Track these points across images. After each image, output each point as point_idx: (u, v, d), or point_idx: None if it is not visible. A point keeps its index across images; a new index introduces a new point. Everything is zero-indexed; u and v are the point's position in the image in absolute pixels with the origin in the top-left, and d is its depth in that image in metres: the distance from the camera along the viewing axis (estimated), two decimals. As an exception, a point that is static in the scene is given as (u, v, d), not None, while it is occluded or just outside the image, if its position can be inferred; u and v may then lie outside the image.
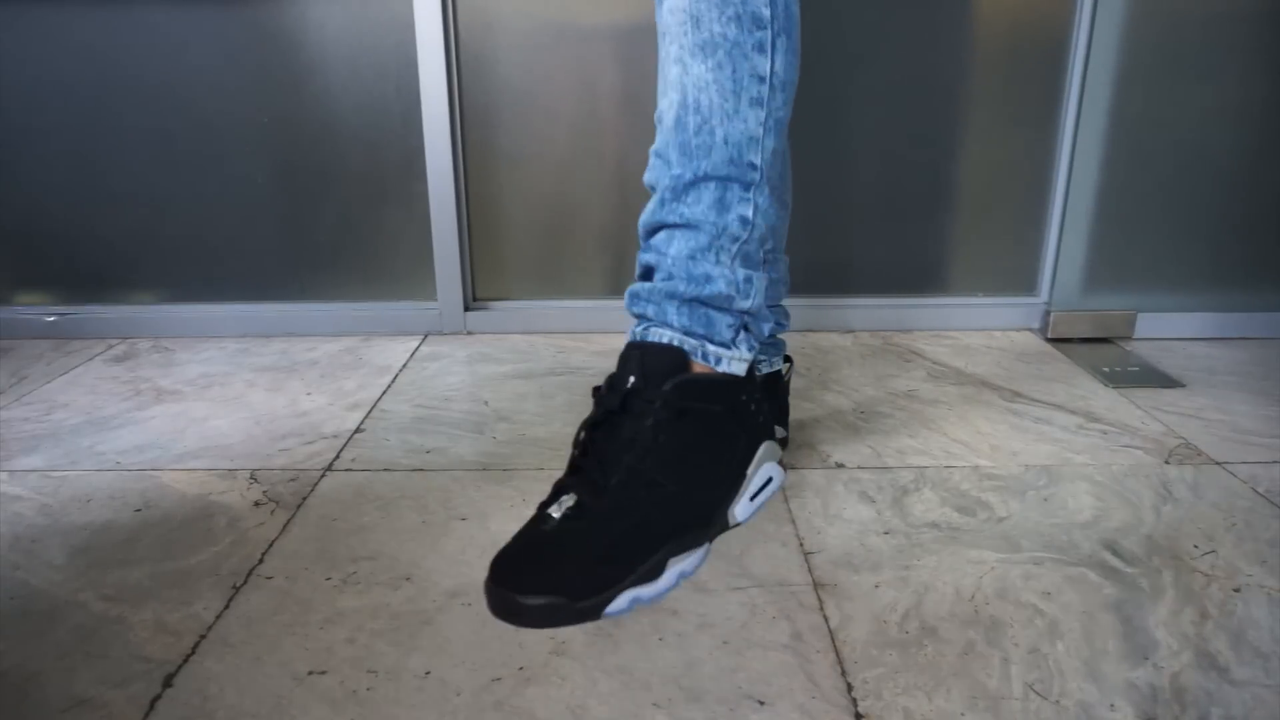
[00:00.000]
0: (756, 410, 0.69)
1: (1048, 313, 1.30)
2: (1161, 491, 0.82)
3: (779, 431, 0.89)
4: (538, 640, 0.61)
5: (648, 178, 0.68)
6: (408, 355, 1.23)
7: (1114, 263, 1.31)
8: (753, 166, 0.64)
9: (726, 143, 0.63)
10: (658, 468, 0.62)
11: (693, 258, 0.65)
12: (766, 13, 0.62)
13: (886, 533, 0.75)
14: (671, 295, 0.65)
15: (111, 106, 1.26)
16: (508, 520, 0.78)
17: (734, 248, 0.65)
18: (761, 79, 0.63)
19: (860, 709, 0.55)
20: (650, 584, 0.59)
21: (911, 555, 0.71)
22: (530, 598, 0.55)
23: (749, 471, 0.68)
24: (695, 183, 0.64)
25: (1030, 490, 0.83)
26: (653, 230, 0.67)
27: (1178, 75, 1.22)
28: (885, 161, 1.29)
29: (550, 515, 0.60)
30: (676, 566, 0.60)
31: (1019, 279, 1.34)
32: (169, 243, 1.32)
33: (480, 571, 0.68)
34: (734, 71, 0.62)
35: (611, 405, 0.63)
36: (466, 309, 1.33)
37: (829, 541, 0.74)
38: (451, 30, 1.22)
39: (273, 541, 0.74)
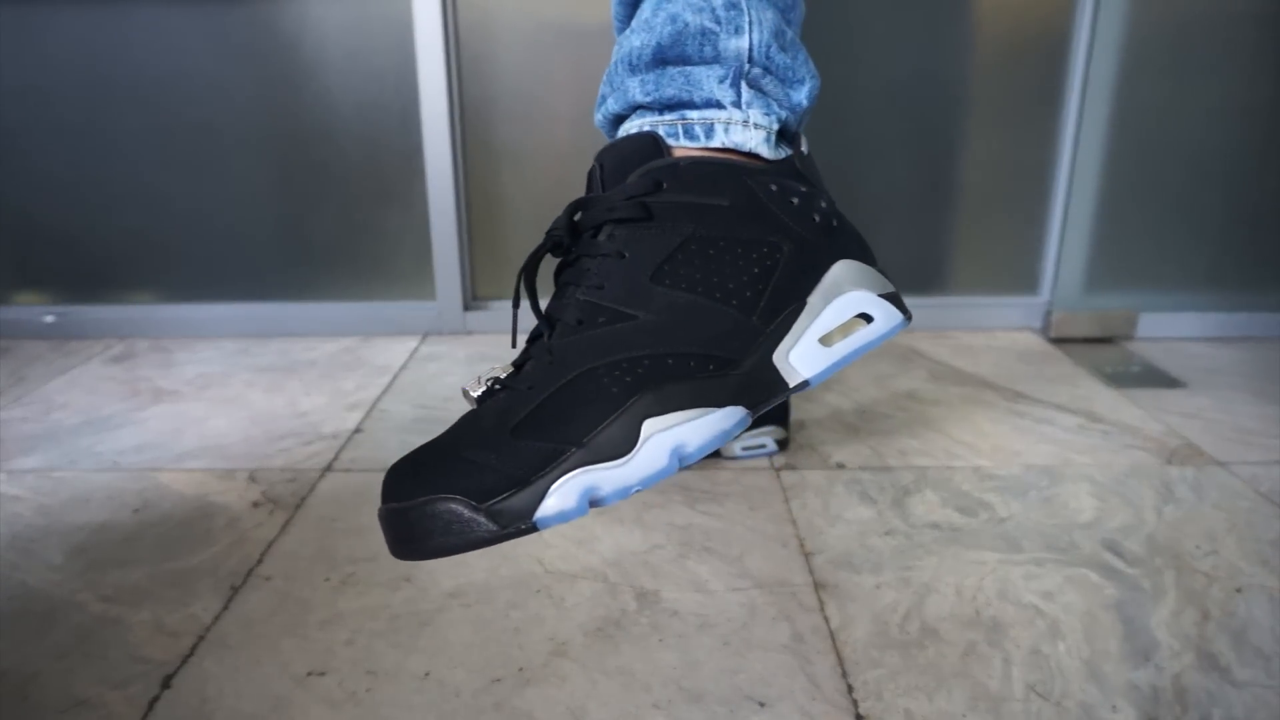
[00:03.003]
0: (805, 207, 0.46)
1: (1049, 313, 1.30)
2: (1163, 492, 0.82)
3: (777, 431, 0.89)
4: (537, 641, 0.61)
5: None
6: (407, 355, 1.23)
7: (1116, 262, 1.31)
8: None
9: None
10: (621, 293, 0.42)
11: (657, 8, 0.46)
12: None
13: (887, 533, 0.75)
14: (631, 64, 0.47)
15: (111, 106, 1.25)
16: (507, 521, 0.77)
17: None
18: None
19: (861, 710, 0.55)
20: (614, 464, 0.37)
21: (912, 556, 0.71)
22: (417, 503, 0.37)
23: (813, 300, 0.45)
24: None
25: (1031, 490, 0.82)
26: (621, 22, 0.51)
27: (1180, 74, 1.22)
28: (886, 161, 1.28)
29: (468, 394, 0.43)
30: (668, 434, 0.38)
31: (1020, 279, 1.34)
32: (168, 243, 1.32)
33: (480, 573, 0.68)
34: None
35: (559, 231, 0.45)
36: (466, 309, 1.33)
37: (830, 542, 0.73)
38: (451, 29, 1.22)
39: (271, 542, 0.74)
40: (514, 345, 0.46)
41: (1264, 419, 0.99)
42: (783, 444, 0.90)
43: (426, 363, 1.20)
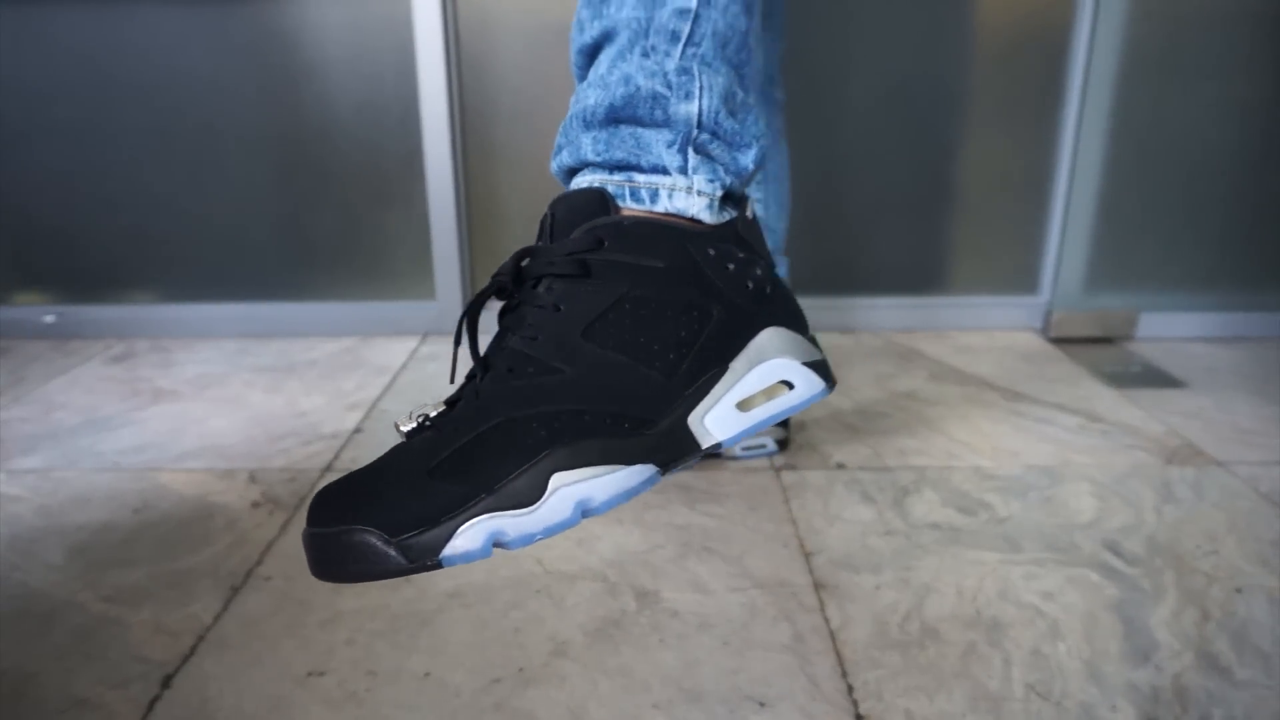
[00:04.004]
0: (740, 273, 0.47)
1: (1049, 312, 1.30)
2: (1163, 492, 0.82)
3: (777, 431, 0.89)
4: (537, 641, 0.61)
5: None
6: (407, 355, 1.23)
7: (1116, 262, 1.30)
8: None
9: None
10: (551, 347, 0.43)
11: (612, 65, 0.48)
12: None
13: (887, 533, 0.75)
14: (587, 120, 0.48)
15: (111, 106, 1.25)
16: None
17: (674, 49, 0.47)
18: None
19: (861, 710, 0.55)
20: (521, 510, 0.39)
21: (912, 556, 0.71)
22: (335, 531, 0.39)
23: (735, 364, 0.46)
24: None
25: (1031, 491, 0.82)
26: (582, 65, 0.51)
27: (1180, 74, 1.22)
28: (886, 161, 1.28)
29: (398, 428, 0.44)
30: (572, 489, 0.40)
31: (1020, 278, 1.34)
32: (168, 243, 1.32)
33: (480, 573, 0.68)
34: None
35: (505, 278, 0.46)
36: (466, 309, 1.33)
37: (830, 542, 0.73)
38: (451, 30, 1.22)
39: (271, 542, 0.74)
40: (451, 381, 0.47)
41: (1264, 419, 0.99)
42: (783, 444, 0.90)
43: (426, 363, 1.20)
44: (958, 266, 1.34)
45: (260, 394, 1.09)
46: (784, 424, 0.89)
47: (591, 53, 0.50)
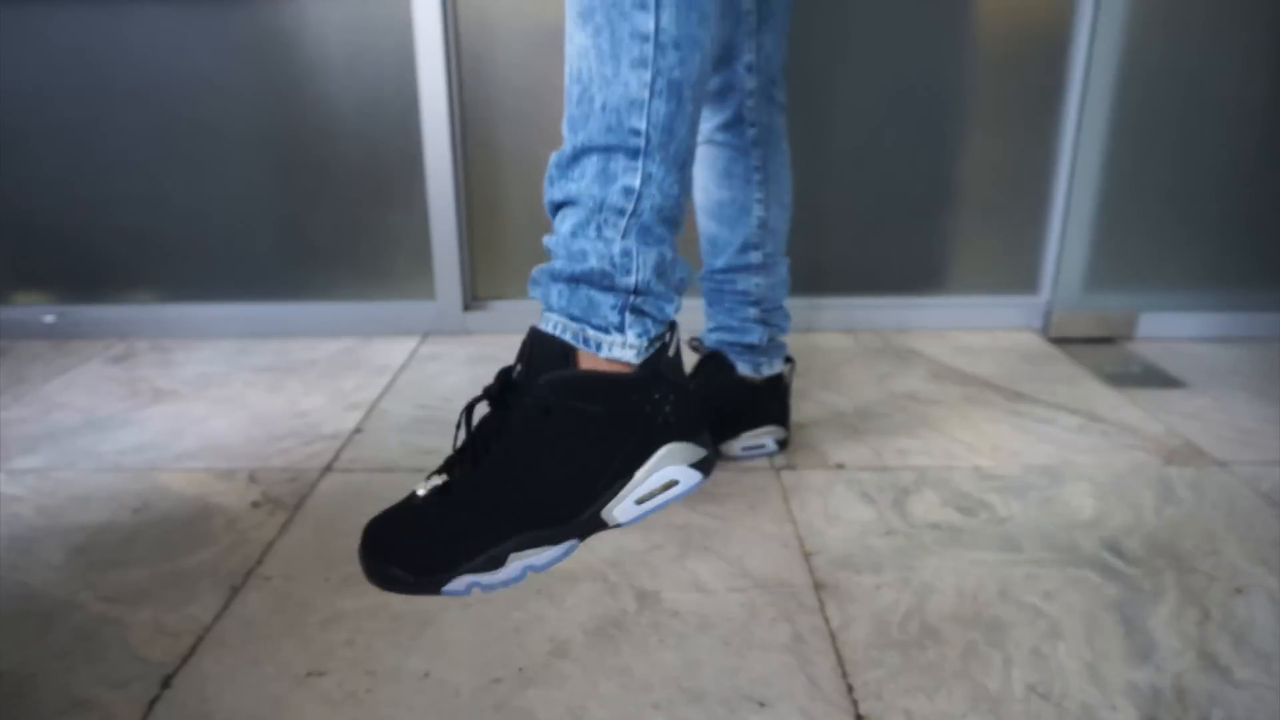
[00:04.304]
0: (653, 411, 0.64)
1: (1049, 312, 1.30)
2: (1163, 492, 0.82)
3: (778, 431, 0.89)
4: (537, 641, 0.61)
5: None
6: (407, 355, 1.23)
7: (1116, 262, 1.31)
8: (635, 132, 0.60)
9: (604, 109, 0.60)
10: (519, 461, 0.62)
11: (574, 234, 0.62)
12: None
13: (887, 533, 0.75)
14: (554, 276, 0.63)
15: (111, 106, 1.25)
16: (507, 521, 0.77)
17: (620, 221, 0.62)
18: (644, 37, 0.59)
19: (861, 710, 0.55)
20: (490, 573, 0.60)
21: (912, 556, 0.71)
22: (382, 566, 0.59)
23: (639, 474, 0.64)
24: (578, 156, 0.62)
25: (1032, 491, 0.82)
26: (552, 211, 0.66)
27: (1180, 75, 1.22)
28: (886, 161, 1.28)
29: (416, 494, 0.62)
30: (522, 560, 0.61)
31: (1020, 278, 1.34)
32: (168, 243, 1.32)
33: (480, 572, 0.68)
34: (612, 33, 0.59)
35: (493, 392, 0.64)
36: (466, 308, 1.33)
37: (830, 542, 0.73)
38: (451, 30, 1.22)
39: (271, 542, 0.74)
40: (454, 448, 0.64)
41: (1264, 419, 0.99)
42: (783, 444, 0.90)
43: (426, 363, 1.20)
44: (958, 266, 1.34)
45: (260, 394, 1.09)
46: (784, 424, 0.89)
47: (559, 206, 0.64)
